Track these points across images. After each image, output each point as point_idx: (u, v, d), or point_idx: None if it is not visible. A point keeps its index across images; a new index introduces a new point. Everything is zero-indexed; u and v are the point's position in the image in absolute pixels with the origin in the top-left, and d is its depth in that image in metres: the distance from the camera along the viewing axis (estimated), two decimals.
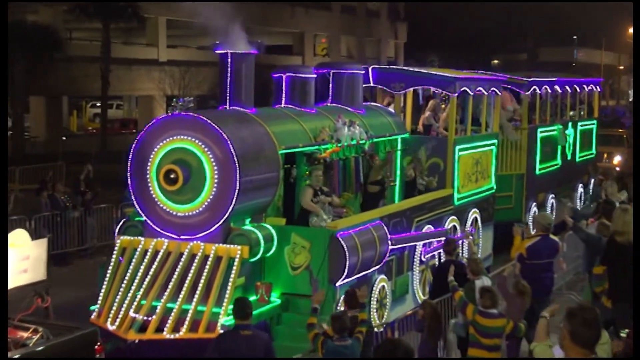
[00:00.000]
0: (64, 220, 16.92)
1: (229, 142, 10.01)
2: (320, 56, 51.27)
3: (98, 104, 45.80)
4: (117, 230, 10.67)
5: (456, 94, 14.10)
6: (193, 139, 10.05)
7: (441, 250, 12.24)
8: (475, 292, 9.53)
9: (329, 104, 13.12)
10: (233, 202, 10.03)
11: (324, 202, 11.25)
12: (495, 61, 64.46)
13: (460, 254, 13.14)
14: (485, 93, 15.14)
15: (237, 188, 10.00)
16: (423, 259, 13.00)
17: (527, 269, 10.66)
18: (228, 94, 10.89)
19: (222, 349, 8.02)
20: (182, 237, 10.18)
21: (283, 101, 12.19)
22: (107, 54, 36.48)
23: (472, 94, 14.62)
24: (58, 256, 16.48)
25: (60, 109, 42.03)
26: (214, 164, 10.01)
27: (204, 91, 40.62)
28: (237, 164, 9.98)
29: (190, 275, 9.97)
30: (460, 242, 13.73)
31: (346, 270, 10.41)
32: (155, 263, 10.18)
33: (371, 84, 14.56)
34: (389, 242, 11.49)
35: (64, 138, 37.11)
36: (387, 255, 11.53)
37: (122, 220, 10.81)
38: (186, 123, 10.16)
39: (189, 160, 10.04)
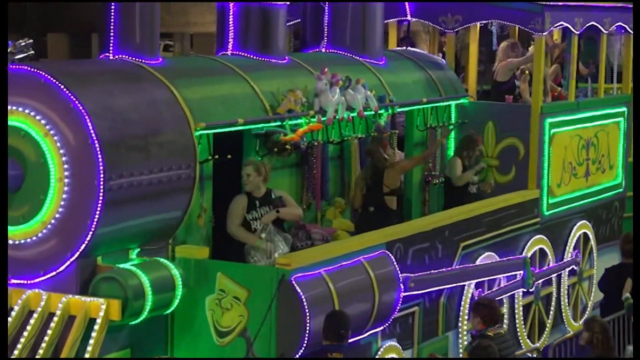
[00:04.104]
0: None
1: (87, 117, 8.72)
2: None
3: None
4: None
5: (545, 33, 12.93)
6: (28, 112, 8.94)
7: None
8: None
9: (323, 51, 12.26)
10: (95, 222, 8.84)
11: (264, 223, 10.07)
12: None
13: None
14: (604, 31, 14.10)
15: (101, 197, 8.79)
16: None
17: None
18: (112, 34, 9.78)
19: None
20: (11, 280, 9.19)
21: (230, 45, 11.12)
22: None
23: (577, 32, 13.48)
24: None
25: (89, 50, 42.27)
26: (63, 155, 8.88)
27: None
28: (99, 156, 8.75)
29: (19, 345, 8.87)
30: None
31: (306, 337, 9.32)
32: None
33: (408, 17, 13.62)
34: (402, 285, 10.46)
35: None
36: (398, 306, 10.48)
37: None
38: (18, 84, 9.01)
39: (21, 148, 9.01)
